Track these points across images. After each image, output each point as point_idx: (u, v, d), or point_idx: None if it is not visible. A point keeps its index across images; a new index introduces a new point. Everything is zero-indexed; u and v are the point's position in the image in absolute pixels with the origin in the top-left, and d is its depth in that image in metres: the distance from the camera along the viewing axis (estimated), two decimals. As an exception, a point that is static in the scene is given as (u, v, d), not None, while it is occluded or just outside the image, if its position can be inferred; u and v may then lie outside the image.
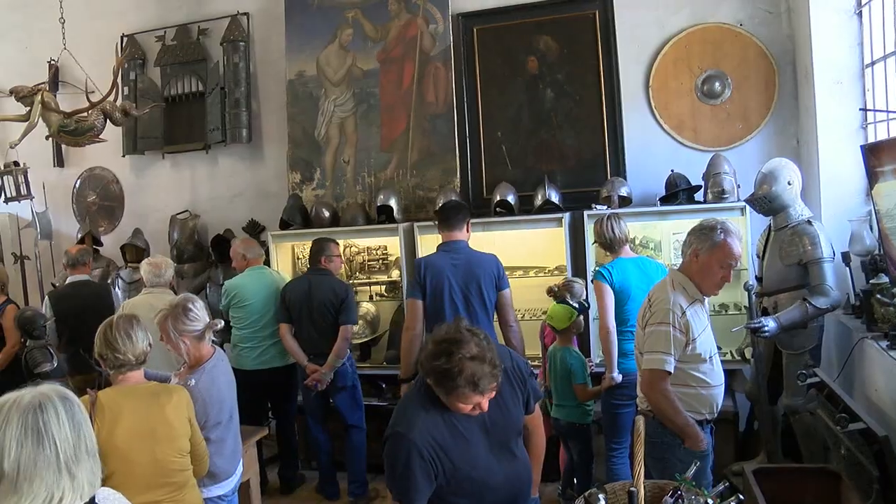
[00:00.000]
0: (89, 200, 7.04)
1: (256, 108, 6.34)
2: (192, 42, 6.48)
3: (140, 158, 6.76)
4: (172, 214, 6.49)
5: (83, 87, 6.48)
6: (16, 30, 7.19)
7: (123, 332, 2.97)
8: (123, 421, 2.82)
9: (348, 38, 5.89)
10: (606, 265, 4.18)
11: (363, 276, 5.67)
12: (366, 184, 5.79)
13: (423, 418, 2.38)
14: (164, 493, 2.91)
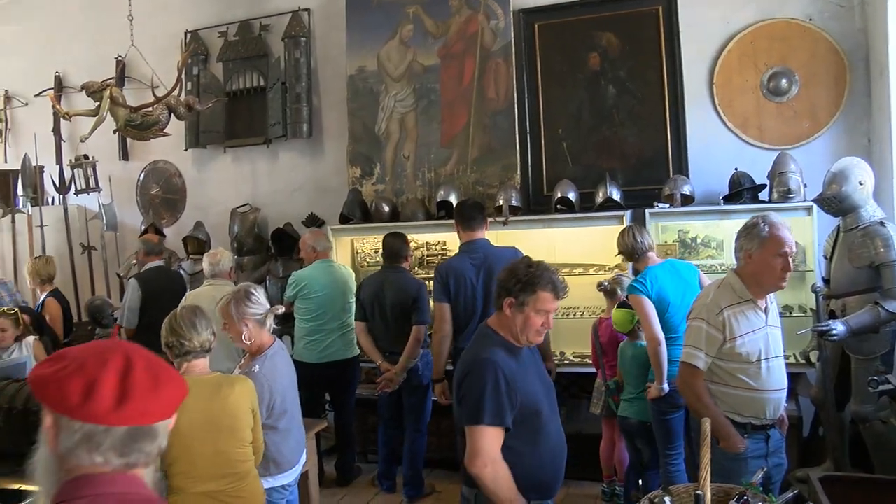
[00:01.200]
0: (152, 193, 7.28)
1: (317, 104, 6.49)
2: (254, 38, 6.66)
3: (202, 152, 6.97)
4: (233, 207, 6.69)
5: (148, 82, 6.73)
6: (87, 29, 7.48)
7: (188, 321, 3.08)
8: (187, 410, 2.81)
9: (409, 33, 5.99)
10: (639, 277, 4.22)
11: (422, 272, 5.77)
12: (426, 179, 5.89)
13: (498, 350, 2.70)
14: (226, 482, 3.00)
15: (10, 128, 8.02)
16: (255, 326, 3.48)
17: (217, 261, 5.12)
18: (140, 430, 1.32)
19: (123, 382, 1.30)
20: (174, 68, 6.09)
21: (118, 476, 1.32)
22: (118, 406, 1.28)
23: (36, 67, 7.74)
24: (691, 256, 5.12)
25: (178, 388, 1.40)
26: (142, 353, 1.39)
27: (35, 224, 7.40)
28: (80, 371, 1.30)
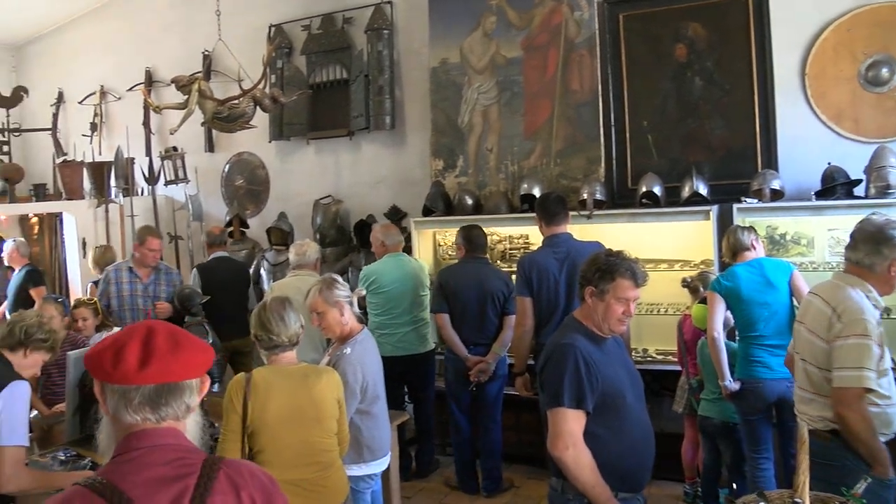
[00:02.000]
0: (237, 184, 7.57)
1: (400, 96, 6.64)
2: (337, 31, 6.85)
3: (285, 144, 7.22)
4: (316, 199, 6.91)
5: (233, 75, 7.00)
6: (177, 24, 7.84)
7: (277, 315, 3.17)
8: (274, 400, 3.03)
9: (492, 25, 6.07)
10: (720, 275, 4.34)
11: (504, 265, 5.87)
12: (509, 172, 5.99)
13: (581, 336, 2.80)
14: (311, 471, 3.10)
15: (104, 121, 8.46)
16: (347, 310, 3.66)
17: (304, 252, 5.32)
18: (165, 387, 1.56)
19: (146, 348, 1.55)
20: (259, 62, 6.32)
21: (161, 429, 1.57)
22: (142, 367, 1.53)
23: (128, 63, 8.15)
24: (780, 253, 5.08)
25: (198, 351, 1.63)
26: (165, 326, 1.64)
27: (126, 214, 7.78)
28: (112, 344, 1.58)
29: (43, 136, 8.81)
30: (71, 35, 8.74)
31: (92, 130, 8.49)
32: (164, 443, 1.55)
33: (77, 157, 8.19)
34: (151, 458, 1.53)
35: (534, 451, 5.43)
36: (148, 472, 1.51)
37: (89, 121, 8.51)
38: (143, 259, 5.74)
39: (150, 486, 1.49)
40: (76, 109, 8.65)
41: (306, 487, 3.06)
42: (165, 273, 5.89)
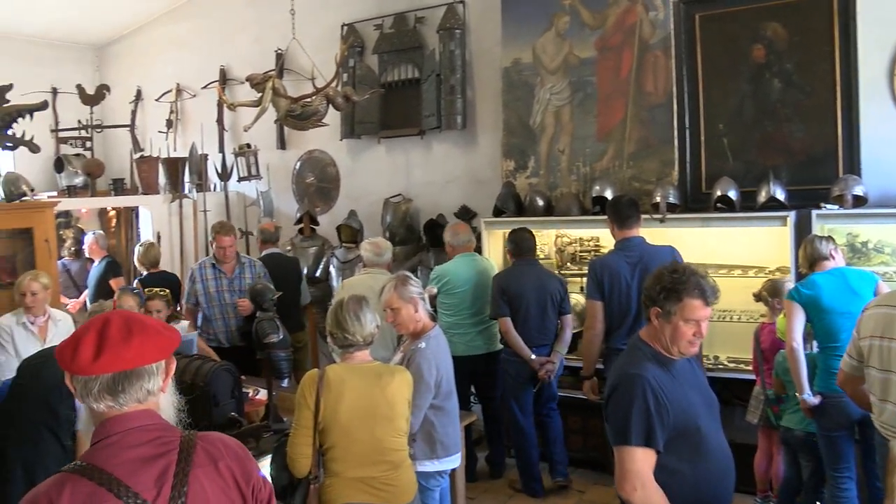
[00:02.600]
0: (308, 181, 7.77)
1: (471, 96, 6.74)
2: (409, 30, 6.97)
3: (356, 142, 7.39)
4: (386, 198, 7.05)
5: (305, 74, 7.21)
6: (251, 23, 8.11)
7: (353, 314, 3.25)
8: (347, 397, 3.11)
9: (565, 25, 6.11)
10: (799, 283, 4.27)
11: (574, 267, 5.93)
12: (580, 174, 6.03)
13: (649, 364, 2.63)
14: (380, 470, 3.17)
15: (179, 118, 8.77)
16: (421, 306, 3.77)
17: (381, 251, 5.45)
18: (121, 374, 1.67)
19: (100, 339, 1.66)
20: (331, 60, 6.52)
21: (133, 413, 1.69)
22: (95, 358, 1.64)
23: (203, 62, 8.45)
24: (861, 262, 5.00)
25: (153, 337, 1.72)
26: (122, 315, 1.75)
27: (199, 209, 8.08)
28: (73, 337, 1.70)
29: (122, 132, 9.18)
30: (149, 35, 9.11)
31: (168, 127, 8.83)
32: (139, 424, 1.68)
33: (153, 152, 8.53)
34: (130, 440, 1.66)
35: (600, 456, 5.51)
36: (130, 453, 1.64)
37: (165, 118, 8.85)
38: (217, 255, 5.93)
39: (135, 465, 1.63)
40: (153, 107, 9.01)
41: (375, 486, 3.14)
42: (249, 266, 6.02)
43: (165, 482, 1.64)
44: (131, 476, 1.61)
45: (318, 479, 3.14)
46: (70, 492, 1.58)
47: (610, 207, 4.90)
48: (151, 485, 1.62)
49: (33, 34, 8.74)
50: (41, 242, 6.07)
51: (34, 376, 3.26)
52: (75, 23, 8.74)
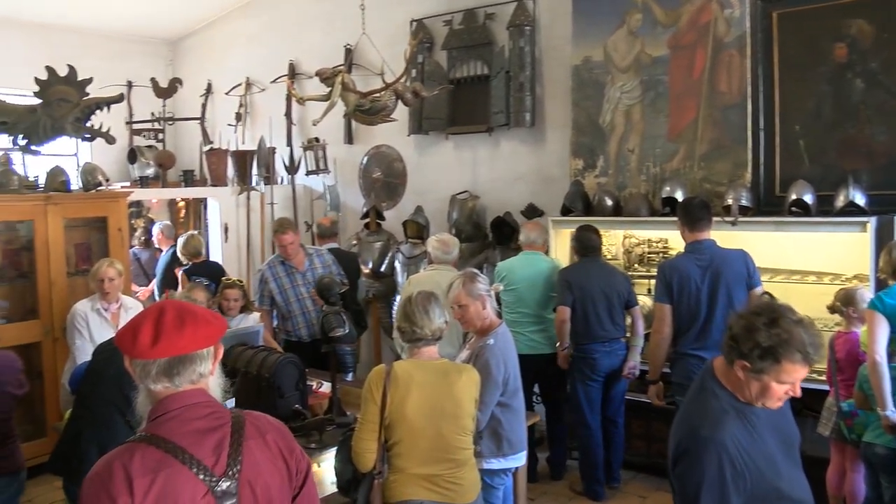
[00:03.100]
0: (374, 176, 7.90)
1: (540, 93, 6.76)
2: (479, 26, 7.03)
3: (424, 138, 7.48)
4: (453, 194, 7.13)
5: (374, 69, 7.34)
6: (319, 18, 8.28)
7: (422, 308, 3.29)
8: (414, 393, 3.15)
9: (637, 23, 6.09)
10: (881, 292, 4.12)
11: (642, 269, 5.93)
12: (650, 174, 6.02)
13: (725, 418, 2.30)
14: (445, 468, 3.21)
15: (248, 112, 9.00)
16: (488, 303, 3.84)
17: (449, 248, 5.51)
18: (176, 359, 1.87)
19: (156, 327, 1.86)
20: (400, 56, 6.61)
21: (189, 392, 1.90)
22: (153, 344, 1.84)
23: (272, 56, 8.66)
24: (945, 272, 4.88)
25: (203, 326, 1.92)
26: (176, 305, 1.95)
27: (266, 201, 8.30)
28: (131, 325, 1.90)
29: (192, 124, 9.47)
30: (220, 30, 9.38)
31: (237, 120, 9.07)
32: (195, 402, 1.90)
33: (222, 145, 8.77)
34: (189, 414, 1.87)
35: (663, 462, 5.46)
36: (190, 426, 1.86)
37: (235, 111, 9.10)
38: (282, 253, 5.93)
39: (195, 436, 1.84)
40: (223, 100, 9.26)
41: (439, 484, 3.19)
42: (317, 255, 6.05)
43: (222, 451, 1.85)
44: (193, 446, 1.82)
45: (381, 475, 3.19)
46: (140, 457, 1.78)
47: (680, 209, 4.89)
48: (210, 453, 1.83)
49: (111, 30, 9.09)
50: (115, 231, 6.33)
51: (107, 361, 3.41)
52: (150, 19, 9.04)
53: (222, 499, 1.82)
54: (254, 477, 1.88)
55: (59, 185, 6.05)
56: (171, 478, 1.77)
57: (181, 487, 1.77)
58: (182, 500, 1.77)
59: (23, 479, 3.69)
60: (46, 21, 8.53)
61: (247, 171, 8.29)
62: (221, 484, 1.82)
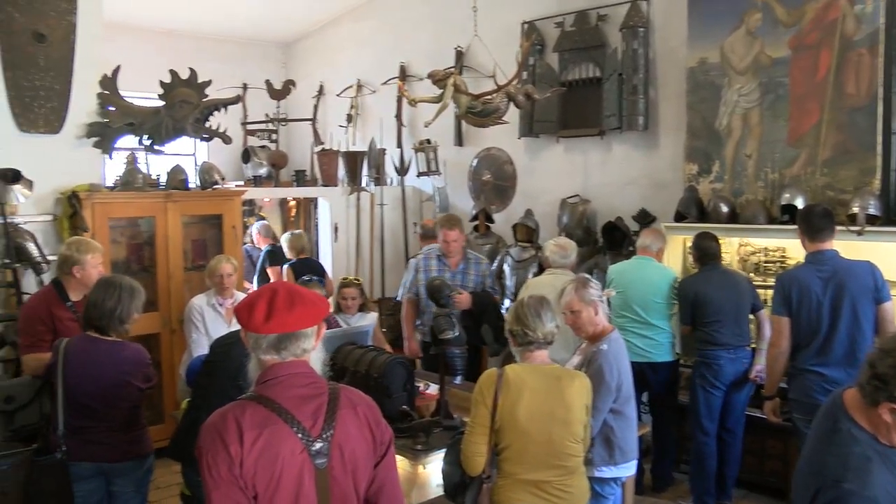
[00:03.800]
0: (484, 179, 8.02)
1: (654, 96, 6.74)
2: (591, 28, 7.04)
3: (534, 141, 7.55)
4: (563, 198, 7.18)
5: (484, 71, 7.45)
6: (430, 20, 8.48)
7: (534, 311, 3.32)
8: (525, 398, 3.18)
9: (756, 22, 5.99)
10: None
11: (758, 278, 5.83)
12: (768, 180, 5.92)
13: (870, 467, 2.08)
14: (555, 474, 3.22)
15: (359, 113, 9.27)
16: (601, 309, 3.88)
17: (567, 252, 5.59)
18: (285, 335, 2.15)
19: (269, 306, 2.13)
20: (510, 58, 6.70)
21: (294, 362, 2.19)
22: (266, 321, 2.12)
23: (383, 58, 8.91)
24: None
25: (310, 307, 2.19)
26: (287, 287, 2.23)
27: (376, 202, 8.55)
28: (248, 302, 2.18)
29: (304, 125, 9.84)
30: (332, 33, 9.71)
31: (348, 121, 9.37)
32: (300, 371, 2.18)
33: (333, 146, 9.06)
34: (294, 381, 2.16)
35: (777, 482, 5.43)
36: (293, 391, 2.15)
37: (346, 112, 9.40)
38: (443, 249, 5.92)
39: (297, 400, 2.14)
40: (334, 101, 9.59)
41: (548, 491, 3.21)
42: (475, 263, 5.99)
43: (319, 416, 2.14)
44: (295, 408, 2.12)
45: (490, 479, 3.26)
46: (251, 414, 2.09)
47: (801, 217, 4.77)
48: (309, 417, 2.13)
49: (228, 35, 9.57)
50: (229, 228, 6.65)
51: (225, 355, 3.59)
52: (265, 23, 9.47)
53: (315, 457, 2.11)
54: (343, 441, 2.16)
55: (179, 184, 6.39)
56: (274, 434, 2.08)
57: (282, 443, 2.08)
58: (282, 454, 2.07)
59: (151, 462, 3.94)
60: (169, 27, 9.05)
61: (357, 171, 8.54)
62: (316, 444, 2.12)
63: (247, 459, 2.04)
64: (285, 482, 2.08)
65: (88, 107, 5.97)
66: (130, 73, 6.27)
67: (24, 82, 5.63)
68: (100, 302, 3.68)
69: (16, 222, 5.47)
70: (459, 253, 5.93)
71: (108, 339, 3.72)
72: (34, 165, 5.53)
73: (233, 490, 2.05)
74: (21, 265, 5.44)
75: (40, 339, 4.13)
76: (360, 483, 2.21)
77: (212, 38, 9.48)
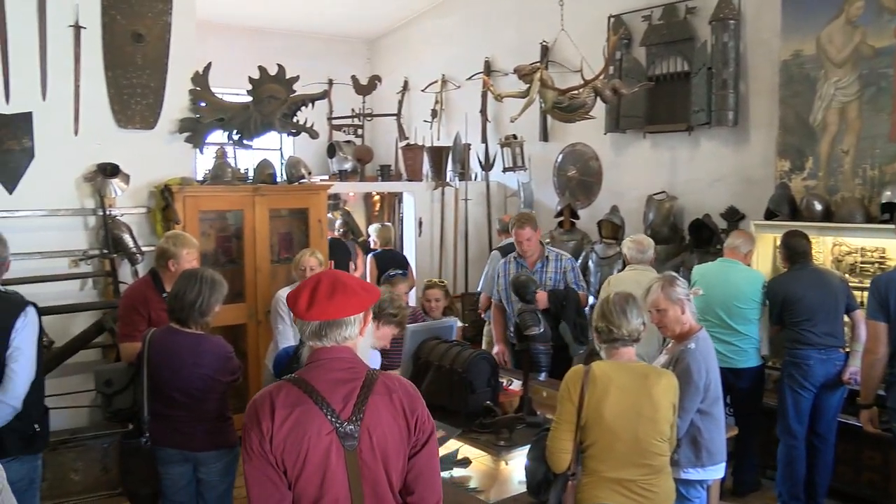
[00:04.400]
0: (569, 174, 8.01)
1: (744, 90, 6.60)
2: (679, 21, 6.95)
3: (621, 137, 7.50)
4: (649, 194, 7.12)
5: (570, 66, 7.42)
6: (514, 15, 8.53)
7: (619, 308, 3.27)
8: (612, 394, 3.14)
9: (858, 11, 5.79)
10: None
11: (854, 280, 5.65)
12: (867, 177, 5.73)
13: None
14: (640, 473, 3.17)
15: (443, 108, 9.35)
16: (687, 308, 3.83)
17: (644, 248, 5.60)
18: (326, 323, 2.28)
19: (312, 296, 2.26)
20: (596, 52, 6.68)
21: (337, 348, 2.32)
22: (307, 310, 2.26)
23: (467, 53, 8.99)
24: None
25: (352, 297, 2.30)
26: (332, 276, 2.34)
27: (461, 197, 8.61)
28: (296, 290, 2.31)
29: (388, 120, 9.98)
30: (417, 28, 9.84)
31: (432, 117, 9.47)
32: (340, 356, 2.31)
33: (417, 141, 9.16)
34: (332, 365, 2.30)
35: (875, 495, 5.26)
36: (330, 375, 2.28)
37: (430, 107, 9.48)
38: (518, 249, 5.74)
39: (331, 384, 2.27)
40: (419, 97, 9.69)
41: (634, 490, 3.17)
42: (555, 260, 5.71)
43: (350, 400, 2.26)
44: (327, 391, 2.25)
45: (575, 477, 3.23)
46: (285, 394, 2.25)
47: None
48: (340, 400, 2.25)
49: (314, 31, 9.78)
50: (315, 222, 6.72)
51: None
52: (350, 19, 9.64)
53: (344, 438, 2.23)
54: (373, 426, 2.25)
55: (267, 178, 6.52)
56: (303, 413, 2.22)
57: (310, 422, 2.22)
58: (309, 433, 2.21)
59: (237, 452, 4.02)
60: (257, 25, 9.30)
61: (442, 166, 8.62)
62: (346, 426, 2.23)
63: (276, 436, 2.20)
64: (312, 460, 2.21)
65: (181, 103, 6.17)
66: (221, 70, 6.45)
67: (122, 80, 5.88)
68: (182, 294, 3.74)
69: (113, 214, 5.73)
70: (536, 251, 5.73)
71: (189, 332, 3.77)
72: (130, 160, 5.79)
73: (263, 464, 2.22)
74: (118, 255, 5.71)
75: (136, 328, 4.27)
76: (392, 468, 2.30)
77: (298, 35, 9.70)
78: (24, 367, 3.55)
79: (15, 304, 3.62)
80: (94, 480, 5.37)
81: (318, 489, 2.23)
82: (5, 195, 5.43)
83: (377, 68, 10.21)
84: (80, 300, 5.71)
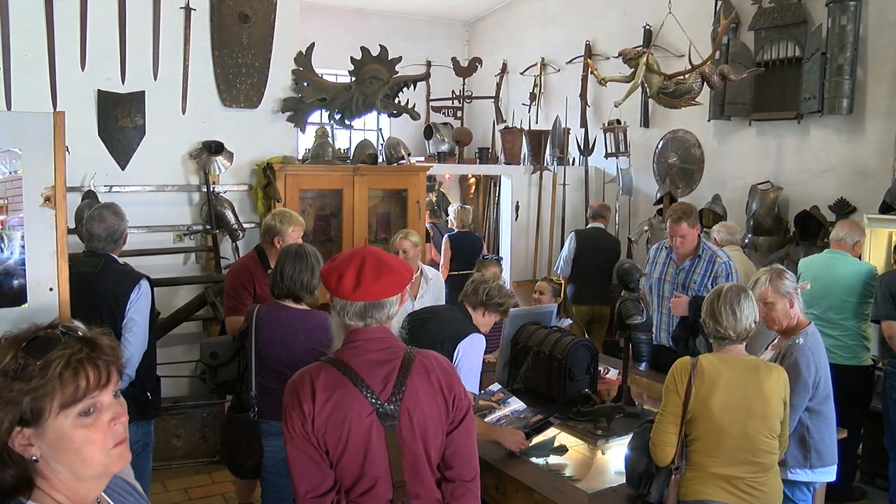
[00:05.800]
0: (670, 161, 7.88)
1: (861, 77, 6.34)
2: (793, 4, 6.72)
3: (725, 124, 7.34)
4: (753, 184, 6.95)
5: (674, 50, 7.29)
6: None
7: (728, 308, 3.18)
8: (720, 389, 3.08)
9: None
10: None
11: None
12: None
13: None
14: (748, 471, 3.10)
15: (542, 92, 9.30)
16: (796, 302, 3.74)
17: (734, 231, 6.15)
18: (370, 303, 2.31)
19: (358, 276, 2.28)
20: (701, 36, 6.53)
21: (373, 329, 2.35)
22: (354, 291, 2.28)
23: (568, 36, 8.92)
24: None
25: (395, 276, 2.33)
26: (374, 255, 2.36)
27: (559, 182, 8.57)
28: (336, 268, 2.33)
29: (485, 103, 10.00)
30: (517, 11, 9.79)
31: (531, 100, 9.44)
32: (377, 336, 2.35)
33: (514, 124, 9.14)
34: (370, 346, 2.33)
35: None
36: (368, 356, 2.32)
37: (529, 91, 9.46)
38: (671, 241, 5.24)
39: (369, 365, 2.31)
40: (517, 80, 9.67)
41: (741, 487, 3.11)
42: (708, 262, 5.09)
43: (389, 381, 2.30)
44: (366, 372, 2.30)
45: (679, 470, 3.19)
46: (324, 375, 2.30)
47: None
48: (379, 381, 2.30)
49: (414, 13, 9.87)
50: (413, 203, 6.89)
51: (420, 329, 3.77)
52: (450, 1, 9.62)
53: (384, 419, 2.28)
54: (413, 405, 2.30)
55: (367, 158, 6.66)
56: (344, 395, 2.27)
57: (350, 404, 2.27)
58: (350, 415, 2.26)
59: None
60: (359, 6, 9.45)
61: (541, 150, 8.59)
62: (385, 407, 2.28)
63: (318, 418, 2.26)
64: (354, 441, 2.27)
65: (284, 83, 6.37)
66: (323, 51, 6.59)
67: (228, 60, 6.10)
68: (293, 271, 3.77)
69: (216, 191, 5.93)
70: (691, 249, 5.17)
71: (296, 307, 3.81)
72: (234, 138, 6.01)
73: (305, 444, 2.28)
74: (220, 231, 5.92)
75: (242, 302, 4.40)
76: (431, 446, 2.35)
77: (398, 17, 9.80)
78: (137, 336, 3.79)
79: (130, 277, 3.84)
80: (193, 447, 5.67)
81: (360, 468, 2.29)
82: (118, 170, 5.71)
83: (476, 50, 10.24)
84: (182, 274, 5.97)
